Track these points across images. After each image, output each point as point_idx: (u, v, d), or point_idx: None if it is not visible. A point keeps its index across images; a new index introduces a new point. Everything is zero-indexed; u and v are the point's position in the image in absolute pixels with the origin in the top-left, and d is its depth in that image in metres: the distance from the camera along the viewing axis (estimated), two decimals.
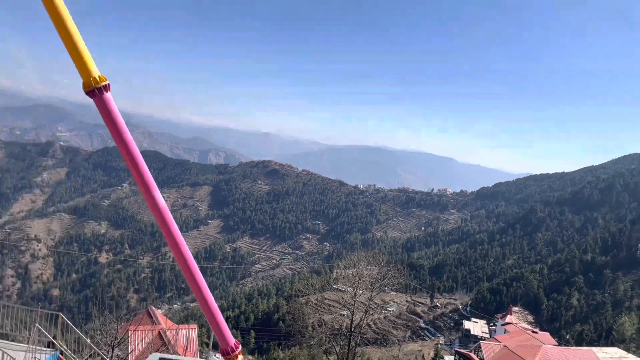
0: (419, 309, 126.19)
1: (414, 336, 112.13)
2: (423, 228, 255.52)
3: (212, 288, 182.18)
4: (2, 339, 21.07)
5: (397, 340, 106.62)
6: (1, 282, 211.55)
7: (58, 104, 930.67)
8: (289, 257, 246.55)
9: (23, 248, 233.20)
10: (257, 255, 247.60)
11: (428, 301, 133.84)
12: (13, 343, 20.28)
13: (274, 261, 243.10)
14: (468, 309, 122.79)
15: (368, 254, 62.02)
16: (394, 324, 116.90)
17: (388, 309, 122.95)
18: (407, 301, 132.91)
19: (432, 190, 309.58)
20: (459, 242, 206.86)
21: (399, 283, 67.75)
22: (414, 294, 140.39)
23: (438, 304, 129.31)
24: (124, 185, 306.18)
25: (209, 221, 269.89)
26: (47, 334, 19.67)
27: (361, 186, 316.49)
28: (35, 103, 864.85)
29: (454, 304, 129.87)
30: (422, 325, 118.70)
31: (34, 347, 17.91)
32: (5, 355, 16.06)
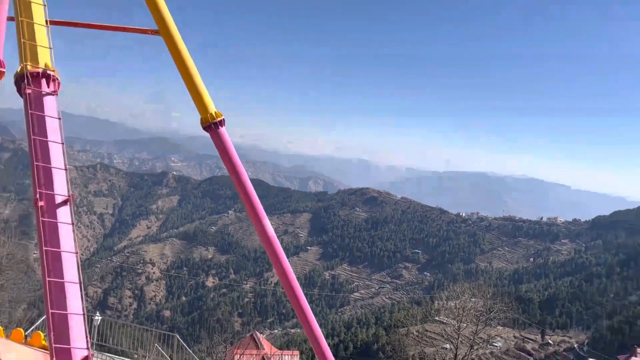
0: (528, 346, 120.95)
1: None
2: (532, 259, 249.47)
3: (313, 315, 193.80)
4: (122, 356, 22.76)
5: None
6: (120, 302, 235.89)
7: (171, 136, 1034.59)
8: (387, 286, 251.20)
9: (139, 271, 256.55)
10: (356, 283, 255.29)
11: (539, 338, 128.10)
12: None
13: (373, 289, 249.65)
14: (585, 348, 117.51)
15: (472, 285, 62.38)
16: None
17: (494, 344, 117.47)
18: (515, 337, 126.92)
19: (542, 218, 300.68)
20: (572, 275, 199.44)
21: (507, 317, 63.66)
22: (523, 329, 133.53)
23: (550, 342, 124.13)
24: (230, 212, 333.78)
25: (309, 248, 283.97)
26: (164, 353, 22.02)
27: (463, 214, 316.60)
28: (151, 136, 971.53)
29: (569, 342, 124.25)
30: None
31: None
32: None
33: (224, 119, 15.93)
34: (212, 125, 15.58)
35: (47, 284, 8.03)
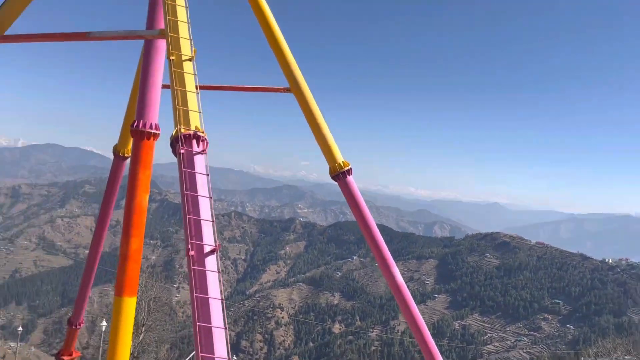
0: None
1: None
2: None
3: None
4: None
5: None
6: (252, 346, 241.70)
7: (299, 184, 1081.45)
8: (525, 338, 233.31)
9: (269, 315, 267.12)
10: (489, 334, 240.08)
11: None
12: None
13: (508, 342, 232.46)
14: None
15: (625, 341, 57.59)
16: None
17: None
18: None
19: None
20: None
21: None
22: None
23: None
24: (354, 257, 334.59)
25: (436, 295, 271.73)
26: None
27: (610, 261, 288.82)
28: (281, 185, 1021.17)
29: None
30: None
31: None
32: None
33: (351, 168, 16.69)
34: (340, 174, 16.43)
35: (197, 329, 8.70)
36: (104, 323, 47.14)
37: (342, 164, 16.91)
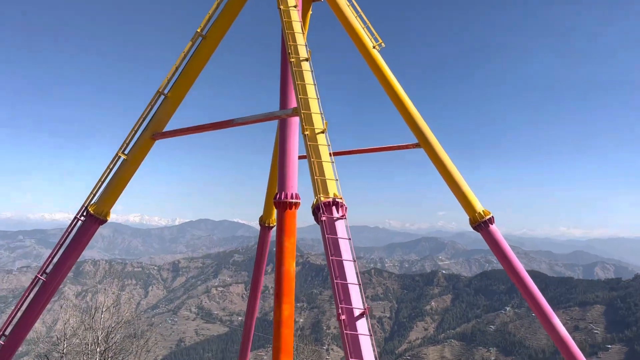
0: None
1: None
2: None
3: None
4: None
5: None
6: None
7: (437, 235, 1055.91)
8: None
9: None
10: None
11: None
12: None
13: None
14: None
15: None
16: None
17: None
18: None
19: None
20: None
21: None
22: None
23: None
24: (507, 308, 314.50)
25: (609, 346, 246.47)
26: None
27: None
28: (419, 237, 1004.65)
29: None
30: None
31: None
32: None
33: (493, 216, 16.11)
34: (481, 224, 15.96)
35: None
36: None
37: (482, 213, 16.41)
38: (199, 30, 16.24)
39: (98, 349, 41.37)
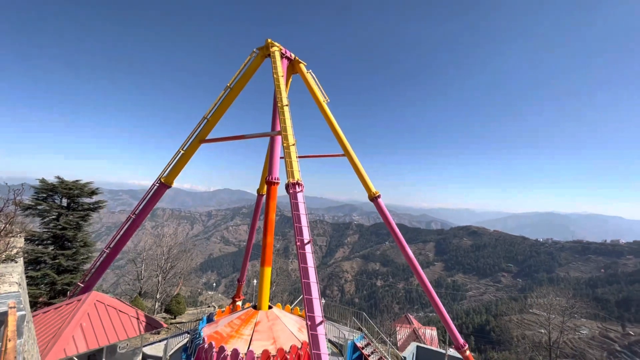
0: (611, 334, 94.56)
1: (611, 357, 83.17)
2: (602, 270, 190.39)
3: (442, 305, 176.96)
4: (333, 322, 20.34)
5: (595, 358, 77.17)
6: (332, 293, 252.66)
7: (353, 203, 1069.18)
8: (491, 288, 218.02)
9: (340, 276, 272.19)
10: (469, 285, 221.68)
11: (620, 329, 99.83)
12: None
13: (481, 290, 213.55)
14: None
15: (555, 288, 49.81)
16: (589, 345, 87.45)
17: (581, 332, 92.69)
18: (598, 327, 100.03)
19: (605, 241, 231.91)
20: None
21: (588, 312, 45.13)
22: (604, 321, 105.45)
23: (631, 332, 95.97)
24: (386, 243, 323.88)
25: (435, 263, 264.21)
26: (357, 322, 19.25)
27: (540, 239, 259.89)
28: (343, 204, 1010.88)
29: None
30: (618, 348, 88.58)
31: None
32: None
33: (380, 194, 16.57)
34: (374, 198, 16.39)
35: (303, 284, 8.95)
36: (255, 281, 48.13)
37: (374, 192, 16.78)
38: (228, 84, 15.89)
39: (164, 258, 40.06)
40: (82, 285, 13.84)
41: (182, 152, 15.67)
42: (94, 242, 23.23)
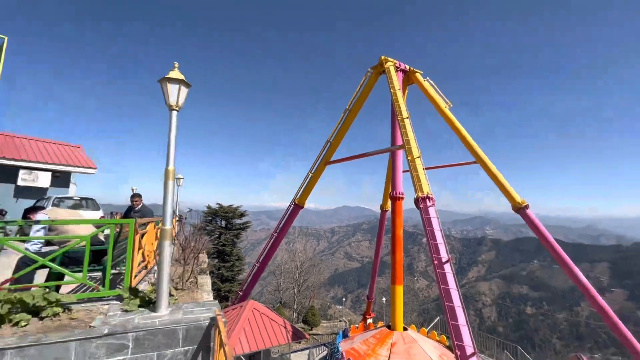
0: None
1: None
2: None
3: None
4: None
5: None
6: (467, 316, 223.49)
7: (483, 215, 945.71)
8: None
9: (477, 299, 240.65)
10: None
11: None
12: None
13: None
14: None
15: None
16: None
17: None
18: None
19: None
20: None
21: None
22: None
23: None
24: (534, 262, 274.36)
25: (613, 290, 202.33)
26: (511, 356, 16.44)
27: None
28: (472, 216, 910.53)
29: None
30: None
31: None
32: None
33: (528, 204, 13.89)
34: (520, 209, 13.84)
35: (446, 307, 8.17)
36: (384, 299, 47.25)
37: (520, 202, 14.32)
38: (347, 107, 16.72)
39: (297, 271, 44.06)
40: (241, 294, 16.46)
41: (310, 174, 17.13)
42: (244, 256, 27.56)
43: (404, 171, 15.40)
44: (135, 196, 8.27)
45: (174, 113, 3.73)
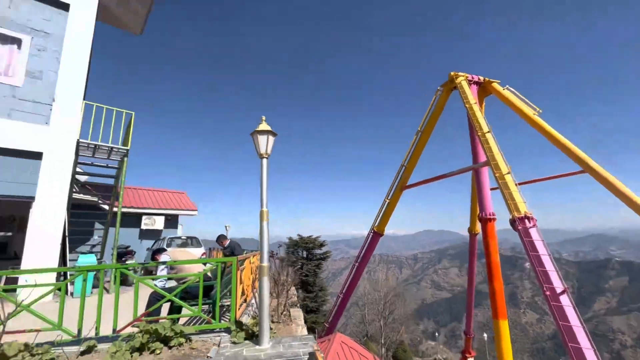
0: None
1: None
2: None
3: None
4: None
5: None
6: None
7: (602, 232, 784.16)
8: None
9: (611, 337, 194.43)
10: None
11: None
12: None
13: None
14: None
15: None
16: None
17: None
18: None
19: None
20: None
21: None
22: None
23: None
24: None
25: None
26: None
27: None
28: (585, 235, 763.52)
29: None
30: None
31: None
32: None
33: None
34: None
35: (570, 349, 6.90)
36: (485, 335, 41.93)
37: None
38: (418, 129, 16.34)
39: (382, 302, 42.16)
40: (327, 326, 16.42)
41: (387, 201, 16.83)
42: (326, 286, 27.66)
43: (491, 189, 14.07)
44: (221, 237, 9.48)
45: (264, 160, 4.21)
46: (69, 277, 7.25)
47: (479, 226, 16.70)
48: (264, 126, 4.28)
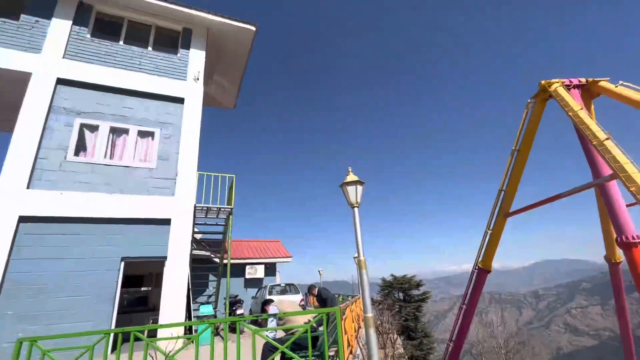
0: None
1: None
2: None
3: None
4: None
5: None
6: None
7: None
8: None
9: None
10: None
11: None
12: None
13: None
14: None
15: None
16: None
17: None
18: None
19: None
20: None
21: None
22: None
23: None
24: None
25: None
26: None
27: None
28: None
29: None
30: None
31: None
32: None
33: None
34: None
35: None
36: None
37: None
38: (513, 147, 14.81)
39: (502, 351, 35.93)
40: None
41: (489, 232, 15.13)
42: (430, 331, 25.04)
43: (628, 205, 11.52)
44: (311, 287, 9.90)
45: (356, 210, 4.38)
46: (198, 329, 8.26)
47: (618, 253, 13.58)
48: (351, 177, 4.51)
